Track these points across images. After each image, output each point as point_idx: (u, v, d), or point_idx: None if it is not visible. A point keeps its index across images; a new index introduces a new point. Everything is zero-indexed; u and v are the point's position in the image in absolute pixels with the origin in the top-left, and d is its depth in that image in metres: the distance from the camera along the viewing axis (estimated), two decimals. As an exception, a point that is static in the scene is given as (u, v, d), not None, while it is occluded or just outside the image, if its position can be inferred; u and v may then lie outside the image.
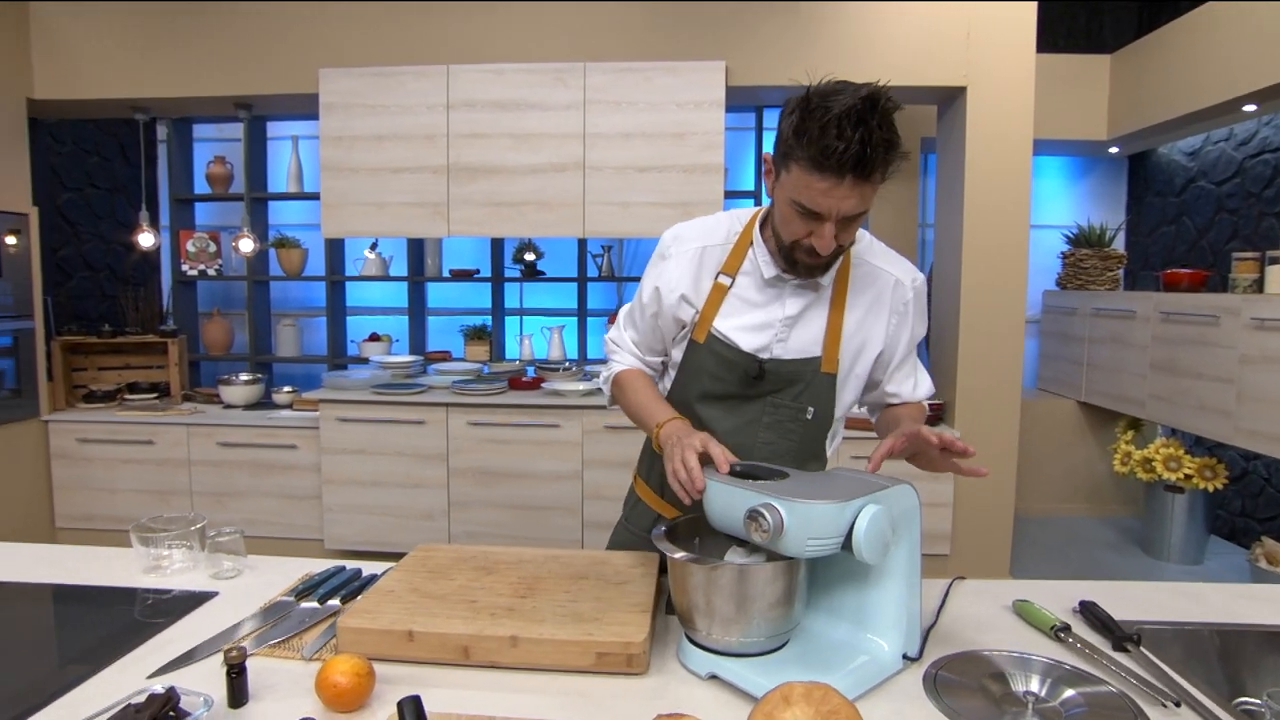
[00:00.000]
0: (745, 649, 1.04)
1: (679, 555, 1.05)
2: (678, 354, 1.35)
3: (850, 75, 1.09)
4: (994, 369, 3.36)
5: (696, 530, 1.18)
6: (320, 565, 1.42)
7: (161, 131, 4.43)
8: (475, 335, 4.29)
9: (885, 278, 1.30)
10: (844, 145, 1.00)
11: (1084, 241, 4.25)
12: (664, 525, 1.16)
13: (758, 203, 4.33)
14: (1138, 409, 3.69)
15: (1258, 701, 1.14)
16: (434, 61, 3.45)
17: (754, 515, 0.97)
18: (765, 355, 1.27)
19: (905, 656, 1.06)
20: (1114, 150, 4.41)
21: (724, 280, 1.28)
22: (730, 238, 1.31)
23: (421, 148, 3.47)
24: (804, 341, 1.27)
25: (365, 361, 4.18)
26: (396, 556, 1.44)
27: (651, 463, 1.45)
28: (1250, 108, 3.35)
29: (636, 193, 3.44)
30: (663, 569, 1.29)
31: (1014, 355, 3.35)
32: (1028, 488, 4.30)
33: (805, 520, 0.95)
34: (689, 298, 1.30)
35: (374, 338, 4.29)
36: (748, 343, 1.27)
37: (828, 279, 1.27)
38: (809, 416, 1.28)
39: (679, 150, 3.40)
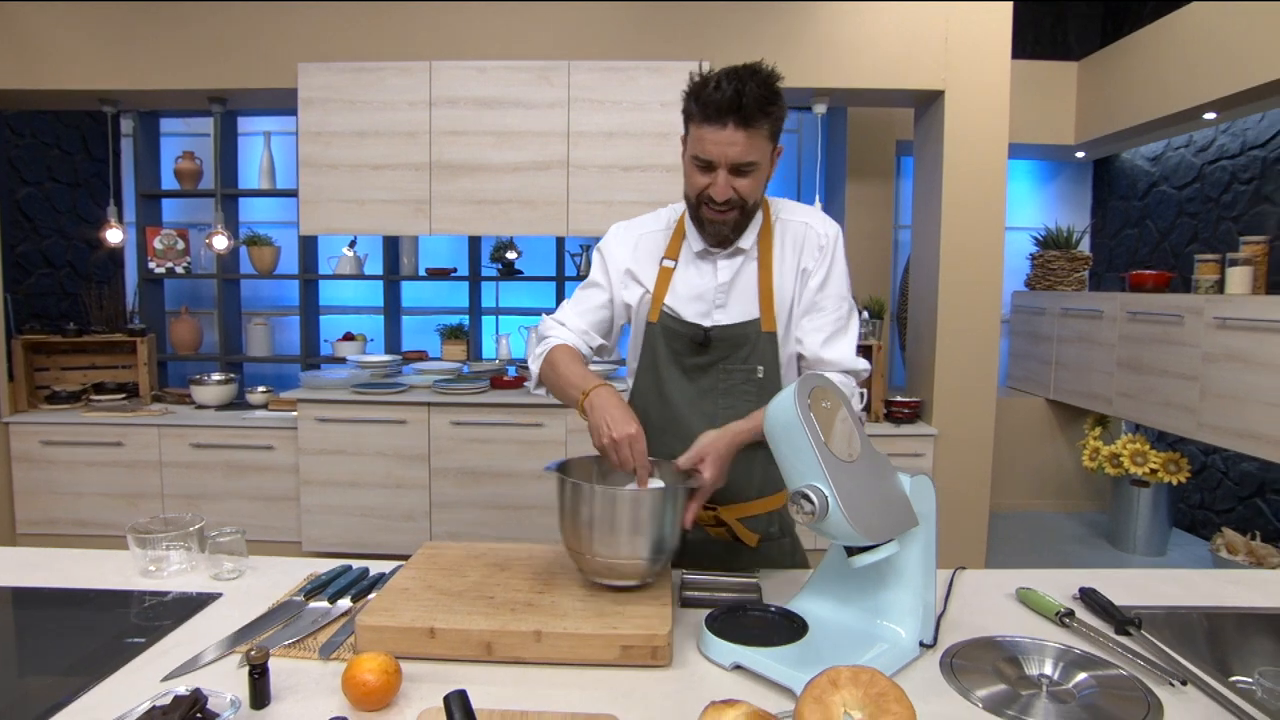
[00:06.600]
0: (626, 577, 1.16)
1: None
2: (637, 343, 1.46)
3: (831, 77, 1.18)
4: (971, 367, 3.44)
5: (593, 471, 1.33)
6: (324, 565, 1.40)
7: (126, 125, 4.29)
8: (452, 335, 4.25)
9: (797, 227, 1.43)
10: (721, 95, 1.21)
11: (1052, 243, 4.36)
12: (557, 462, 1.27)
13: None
14: (1105, 406, 3.81)
15: (1249, 680, 1.19)
16: (416, 58, 3.41)
17: (801, 496, 0.99)
18: (709, 323, 1.39)
19: (921, 643, 1.09)
20: (1080, 155, 4.54)
21: (667, 264, 1.43)
22: (670, 225, 1.47)
23: (403, 144, 3.43)
24: (742, 306, 1.40)
25: (340, 361, 4.11)
26: (377, 558, 1.43)
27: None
28: (1210, 115, 3.48)
29: (620, 192, 3.44)
30: (674, 564, 1.30)
31: (990, 354, 3.43)
32: (1000, 484, 4.40)
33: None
34: (634, 273, 1.45)
35: (348, 337, 4.23)
36: (690, 312, 1.40)
37: (747, 241, 1.39)
38: (760, 375, 1.39)
39: (663, 149, 3.41)
